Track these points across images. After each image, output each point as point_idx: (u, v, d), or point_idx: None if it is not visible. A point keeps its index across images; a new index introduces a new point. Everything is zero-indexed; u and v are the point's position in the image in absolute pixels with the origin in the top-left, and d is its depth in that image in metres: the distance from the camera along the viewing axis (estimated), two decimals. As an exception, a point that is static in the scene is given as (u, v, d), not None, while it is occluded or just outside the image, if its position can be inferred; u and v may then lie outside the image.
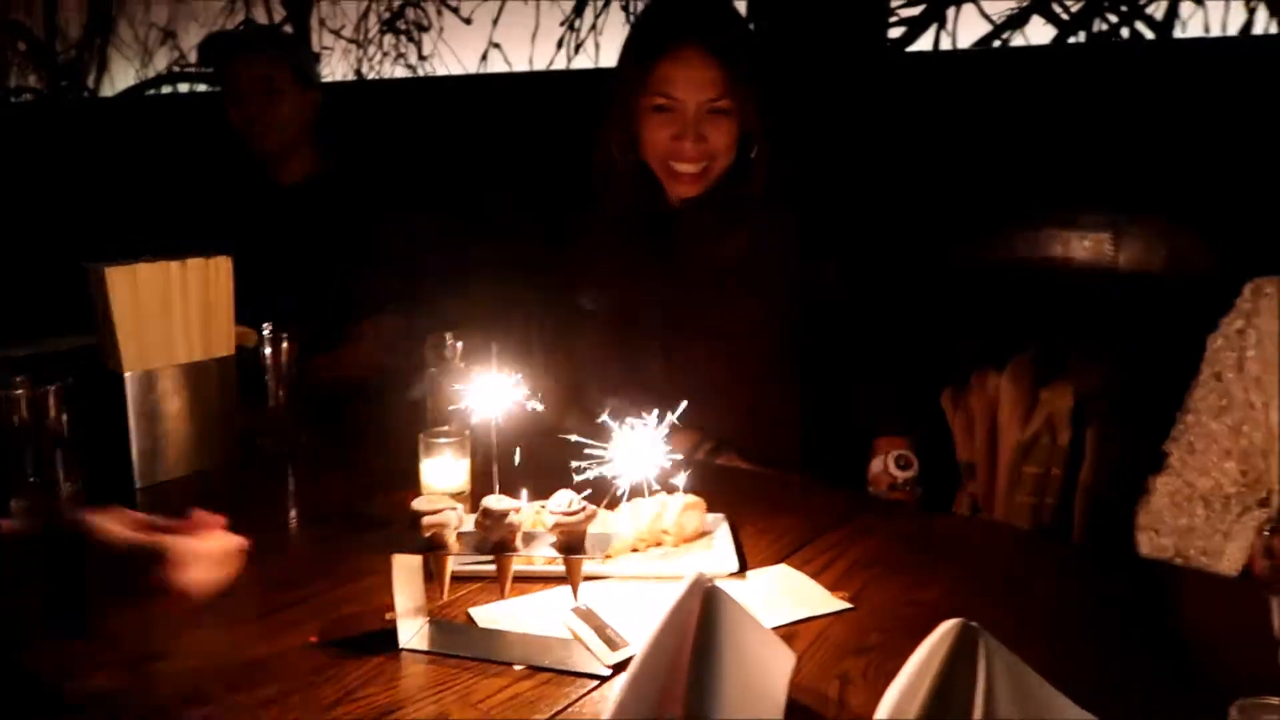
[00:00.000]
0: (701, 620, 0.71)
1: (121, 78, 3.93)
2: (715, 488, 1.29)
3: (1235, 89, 1.67)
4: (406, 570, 0.94)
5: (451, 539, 0.93)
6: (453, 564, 0.98)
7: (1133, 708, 0.82)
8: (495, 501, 0.91)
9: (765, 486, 1.39)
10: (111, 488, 1.35)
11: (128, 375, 1.38)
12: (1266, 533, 1.15)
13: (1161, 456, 1.32)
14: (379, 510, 1.30)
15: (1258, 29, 1.76)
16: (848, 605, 1.04)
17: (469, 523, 0.96)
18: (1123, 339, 1.57)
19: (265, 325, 1.53)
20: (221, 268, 1.48)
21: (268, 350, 1.53)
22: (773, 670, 0.81)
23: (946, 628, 0.68)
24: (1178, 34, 1.84)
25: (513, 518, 0.91)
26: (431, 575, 0.96)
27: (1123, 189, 1.81)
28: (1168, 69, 1.79)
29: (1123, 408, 1.40)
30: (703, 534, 1.20)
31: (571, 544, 0.91)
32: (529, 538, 0.94)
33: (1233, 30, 1.79)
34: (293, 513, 1.40)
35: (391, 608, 0.95)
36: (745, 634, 0.75)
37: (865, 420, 1.61)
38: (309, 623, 0.99)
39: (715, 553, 1.16)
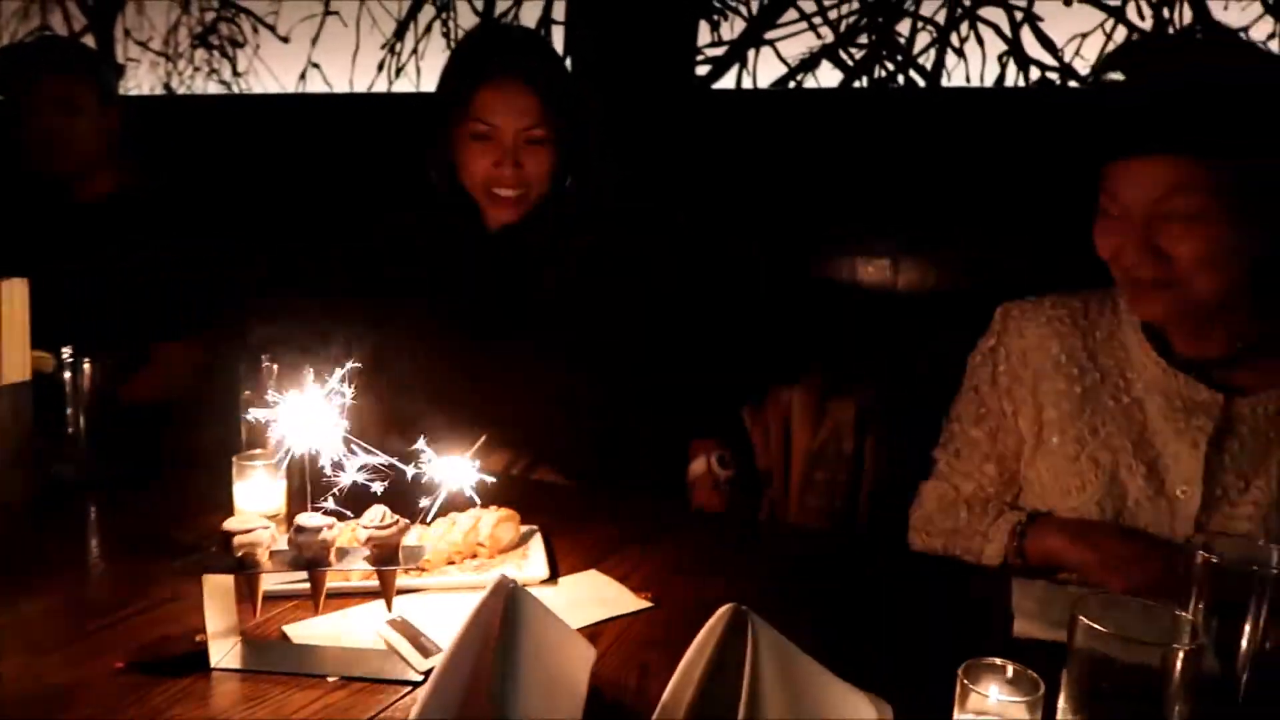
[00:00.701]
0: (504, 619, 0.77)
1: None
2: (529, 501, 1.35)
3: (991, 133, 1.89)
4: (218, 591, 0.96)
5: (264, 557, 0.95)
6: (266, 583, 0.99)
7: (884, 675, 0.93)
8: (308, 518, 0.94)
9: (577, 499, 1.46)
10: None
11: (-89, 403, 1.31)
12: (1018, 535, 1.32)
13: (932, 462, 1.48)
14: (190, 535, 1.28)
15: (1008, 82, 2.00)
16: (650, 604, 1.12)
17: (282, 541, 0.98)
18: (900, 353, 1.74)
19: (65, 349, 1.48)
20: (15, 290, 1.42)
21: (68, 375, 1.48)
22: (574, 664, 0.87)
23: (721, 612, 0.77)
24: (945, 83, 2.06)
25: (326, 534, 0.94)
26: (245, 595, 0.98)
27: (902, 219, 2.00)
28: (936, 113, 2.00)
29: (899, 417, 1.56)
30: (517, 545, 1.26)
31: (385, 556, 0.95)
32: (342, 553, 0.97)
33: (989, 81, 2.03)
34: (95, 541, 1.36)
35: (203, 630, 0.96)
36: (547, 631, 0.82)
37: (680, 427, 1.69)
38: (116, 649, 0.99)
39: (529, 562, 1.22)
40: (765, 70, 2.24)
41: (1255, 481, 1.23)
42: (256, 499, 1.29)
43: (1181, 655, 0.67)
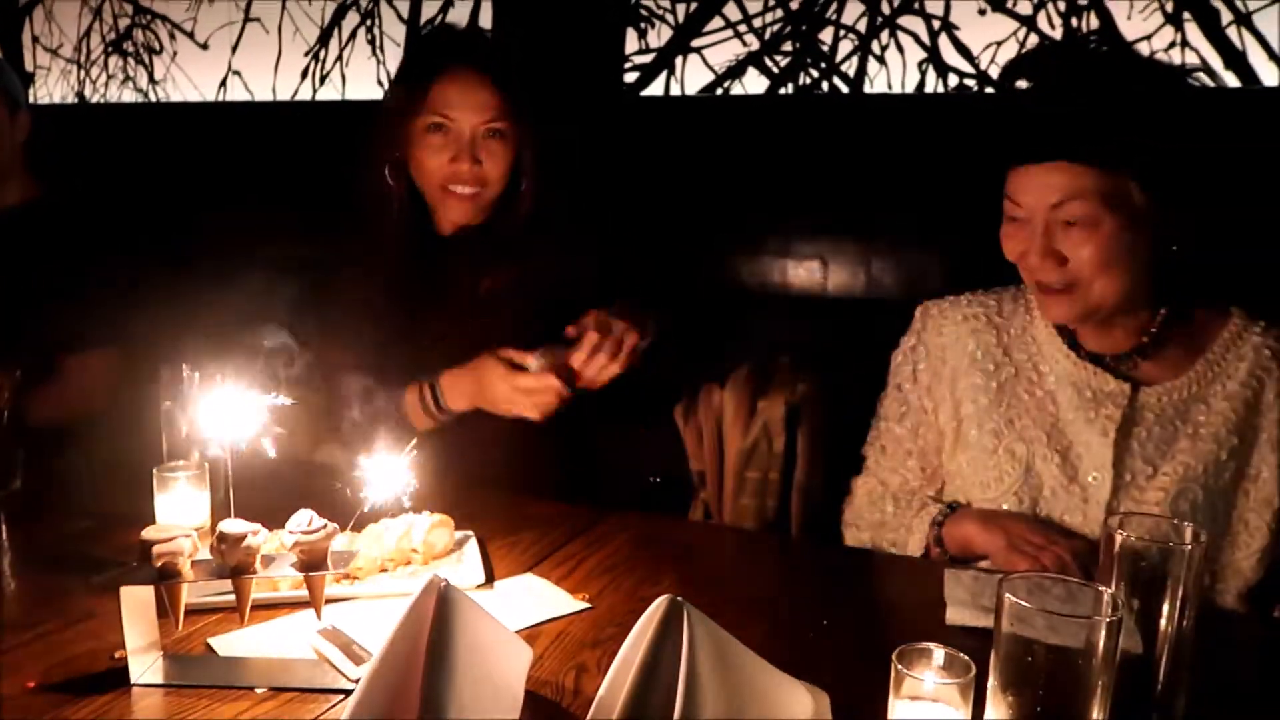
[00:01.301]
0: (436, 620, 0.75)
1: None
2: (463, 506, 1.33)
3: (914, 137, 1.94)
4: (137, 603, 0.92)
5: (185, 567, 0.92)
6: (189, 595, 0.96)
7: (820, 665, 0.94)
8: (232, 525, 0.91)
9: (511, 503, 1.45)
10: None
11: None
12: (937, 525, 1.35)
13: (860, 459, 1.51)
14: (109, 550, 1.24)
15: (928, 88, 2.05)
16: (587, 605, 1.12)
17: (205, 550, 0.95)
18: (831, 353, 1.76)
19: (-30, 365, 1.42)
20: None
21: (-25, 390, 1.42)
22: (510, 665, 0.86)
23: (657, 604, 0.77)
24: (867, 89, 2.10)
25: (251, 541, 0.91)
26: (166, 607, 0.94)
27: (831, 222, 2.03)
28: (860, 119, 2.04)
29: (828, 414, 1.58)
30: (451, 550, 1.24)
31: (313, 562, 0.93)
32: (269, 560, 0.95)
33: (910, 88, 2.08)
34: (5, 559, 1.30)
35: (122, 646, 0.93)
36: (481, 632, 0.81)
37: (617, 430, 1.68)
38: (29, 667, 0.95)
39: (464, 567, 1.20)
40: (693, 77, 2.26)
41: (1162, 467, 1.28)
42: (179, 512, 1.25)
43: (1104, 627, 0.69)
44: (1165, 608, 0.90)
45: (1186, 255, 1.27)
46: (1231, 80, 1.87)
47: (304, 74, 2.70)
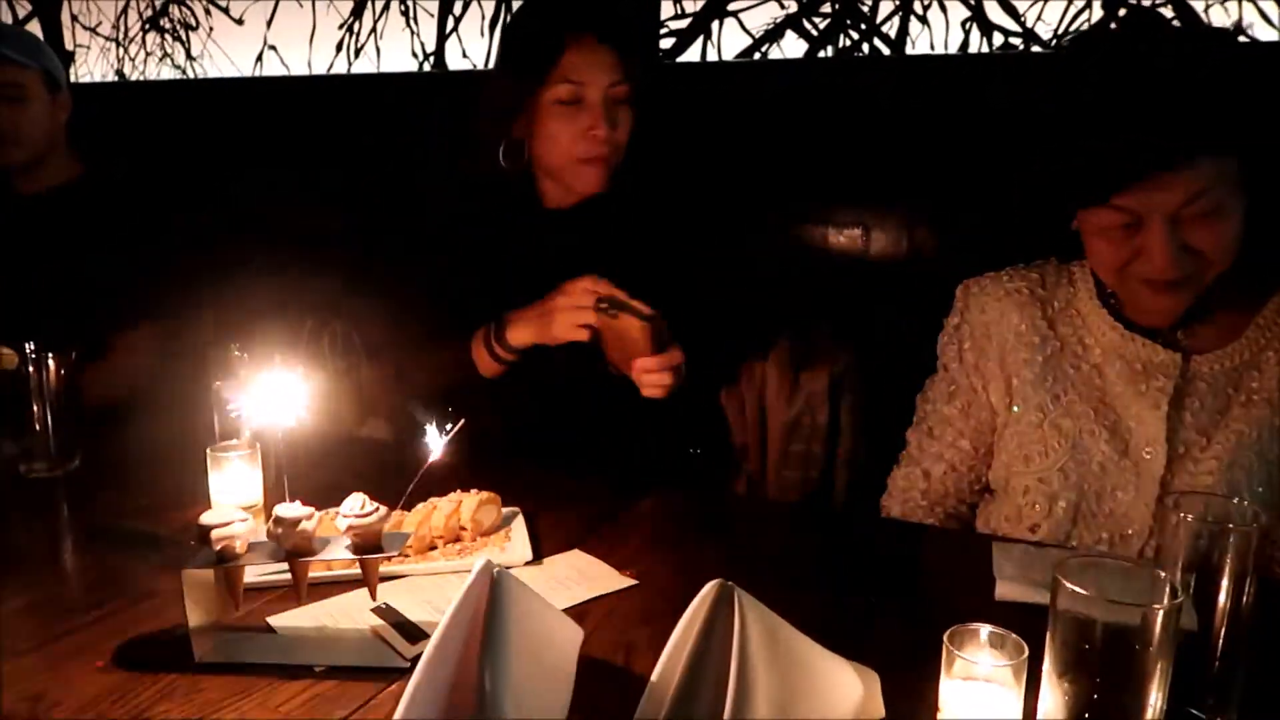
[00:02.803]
0: (490, 604, 0.76)
1: None
2: (510, 483, 1.35)
3: (957, 99, 1.89)
4: (198, 586, 0.95)
5: (243, 550, 0.94)
6: (248, 575, 0.99)
7: (870, 644, 0.95)
8: (287, 509, 0.93)
9: (558, 479, 1.46)
10: None
11: None
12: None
13: (903, 443, 1.49)
14: (168, 528, 1.28)
15: (972, 48, 2.00)
16: (634, 582, 1.13)
17: (261, 532, 0.97)
18: (873, 322, 1.75)
19: (28, 344, 1.46)
20: (-27, 287, 1.39)
21: (31, 370, 1.45)
22: (562, 646, 0.87)
23: (707, 589, 0.77)
24: (909, 50, 2.06)
25: (305, 524, 0.93)
26: (225, 589, 0.97)
27: (872, 187, 2.00)
28: (902, 81, 2.00)
29: (871, 385, 1.57)
30: (499, 528, 1.26)
31: (366, 545, 0.95)
32: (323, 542, 0.97)
33: (953, 48, 2.03)
34: (73, 537, 1.34)
35: (184, 624, 0.95)
36: (533, 614, 0.82)
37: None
38: (96, 647, 0.97)
39: (512, 544, 1.22)
40: (730, 42, 2.23)
41: (1216, 438, 1.26)
42: (233, 490, 1.28)
43: (1161, 614, 0.68)
44: (1223, 586, 0.89)
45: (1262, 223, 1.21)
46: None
47: (339, 47, 2.70)
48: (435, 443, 1.25)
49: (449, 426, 1.41)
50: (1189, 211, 1.15)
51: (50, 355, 1.46)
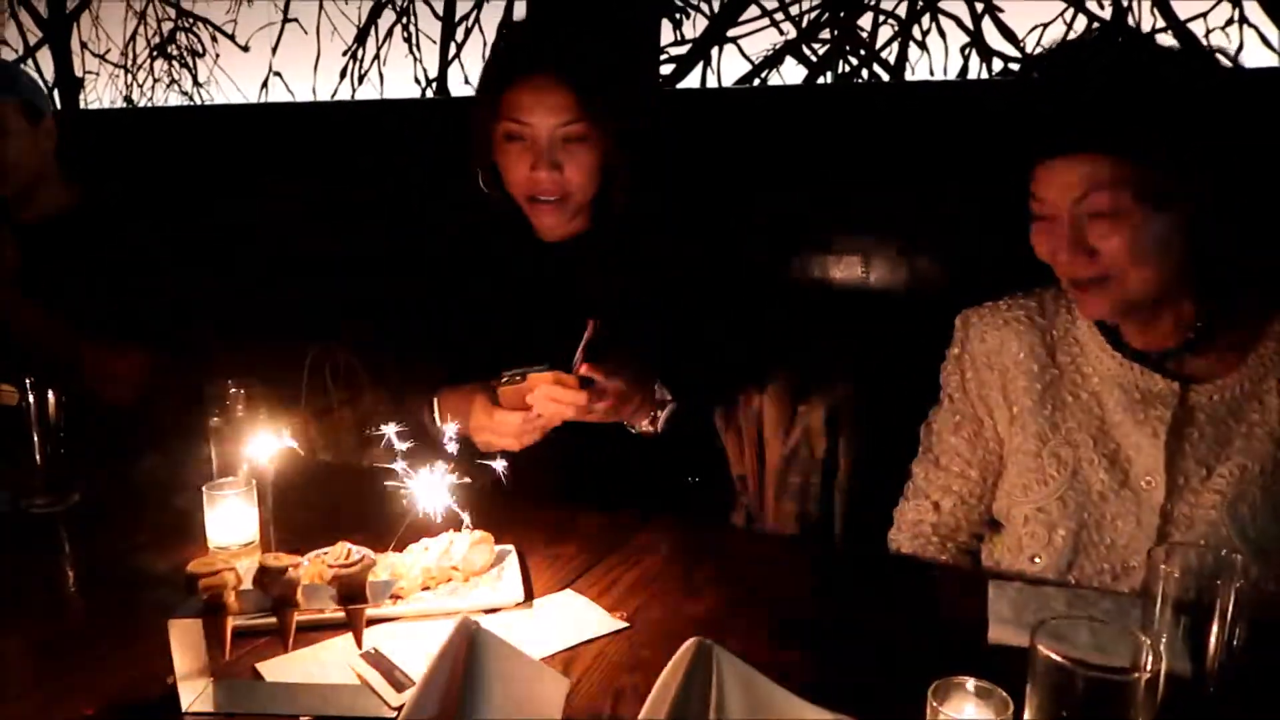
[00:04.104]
0: (467, 661, 0.76)
1: None
2: (504, 520, 1.35)
3: (955, 126, 1.89)
4: (185, 634, 0.95)
5: (230, 599, 0.94)
6: (236, 619, 0.99)
7: (857, 691, 0.94)
8: (273, 559, 0.93)
9: (552, 515, 1.46)
10: None
11: None
12: None
13: (906, 475, 1.48)
14: (162, 567, 1.28)
15: (971, 74, 2.00)
16: (625, 624, 1.12)
17: (248, 580, 0.98)
18: (873, 353, 1.74)
19: (27, 379, 1.47)
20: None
21: (31, 405, 1.46)
22: (545, 700, 0.87)
23: (686, 646, 0.77)
24: (908, 76, 2.06)
25: (292, 573, 0.93)
26: (213, 637, 0.97)
27: (871, 216, 1.99)
28: (901, 108, 1.99)
29: (870, 416, 1.56)
30: (491, 566, 1.26)
31: (351, 593, 0.95)
32: (310, 591, 0.97)
33: (952, 74, 2.03)
34: (69, 575, 1.35)
35: (173, 671, 0.96)
36: (513, 669, 0.82)
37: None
38: (86, 692, 0.98)
39: (503, 584, 1.21)
40: (730, 68, 2.23)
41: (1218, 469, 1.24)
42: (228, 529, 1.28)
43: (1143, 681, 0.67)
44: (1213, 635, 0.89)
45: (1226, 244, 1.23)
46: (1293, 59, 1.80)
47: (343, 73, 2.72)
48: (428, 483, 1.26)
49: (443, 466, 1.42)
50: (1087, 206, 1.20)
51: (49, 390, 1.47)
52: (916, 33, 2.05)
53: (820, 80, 2.14)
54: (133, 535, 1.41)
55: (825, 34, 2.12)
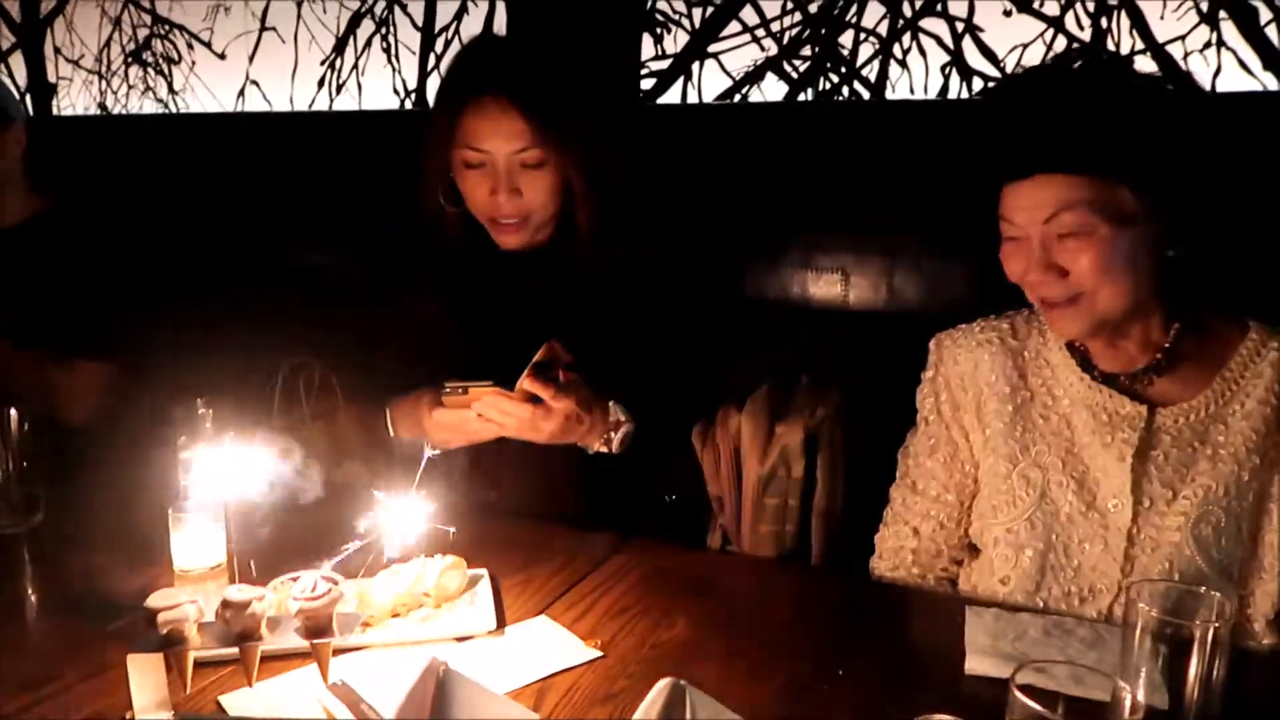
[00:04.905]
0: (435, 703, 0.74)
1: None
2: (477, 542, 1.33)
3: (936, 144, 1.88)
4: (145, 668, 0.92)
5: (192, 632, 0.92)
6: (196, 652, 0.96)
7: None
8: (236, 592, 0.91)
9: (526, 534, 1.44)
10: None
11: None
12: None
13: (885, 499, 1.48)
14: (126, 591, 1.25)
15: (951, 93, 2.00)
16: (599, 654, 1.11)
17: (210, 612, 0.95)
18: (853, 371, 1.72)
19: (-11, 396, 1.43)
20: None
21: (-6, 420, 1.43)
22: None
23: (660, 686, 0.75)
24: (889, 94, 2.05)
25: (255, 607, 0.91)
26: (174, 671, 0.94)
27: (852, 233, 1.98)
28: (881, 125, 1.99)
29: (849, 436, 1.55)
30: (464, 591, 1.23)
31: (317, 628, 0.92)
32: (274, 623, 0.94)
33: (933, 92, 2.02)
34: (31, 600, 1.32)
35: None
36: (482, 708, 0.80)
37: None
38: (43, 729, 0.95)
39: (475, 611, 1.19)
40: (710, 84, 2.22)
41: (1182, 491, 1.25)
42: (194, 552, 1.26)
43: (1120, 727, 0.66)
44: (1193, 666, 0.88)
45: (1194, 263, 1.25)
46: (1271, 82, 1.80)
47: (320, 83, 2.69)
48: (401, 507, 1.24)
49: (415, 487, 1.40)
50: (1056, 226, 1.22)
51: (12, 409, 1.43)
52: (897, 51, 2.05)
53: (801, 97, 2.13)
54: (97, 557, 1.38)
55: (806, 50, 2.11)
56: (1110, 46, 1.86)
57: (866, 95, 2.08)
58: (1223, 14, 1.81)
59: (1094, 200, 1.20)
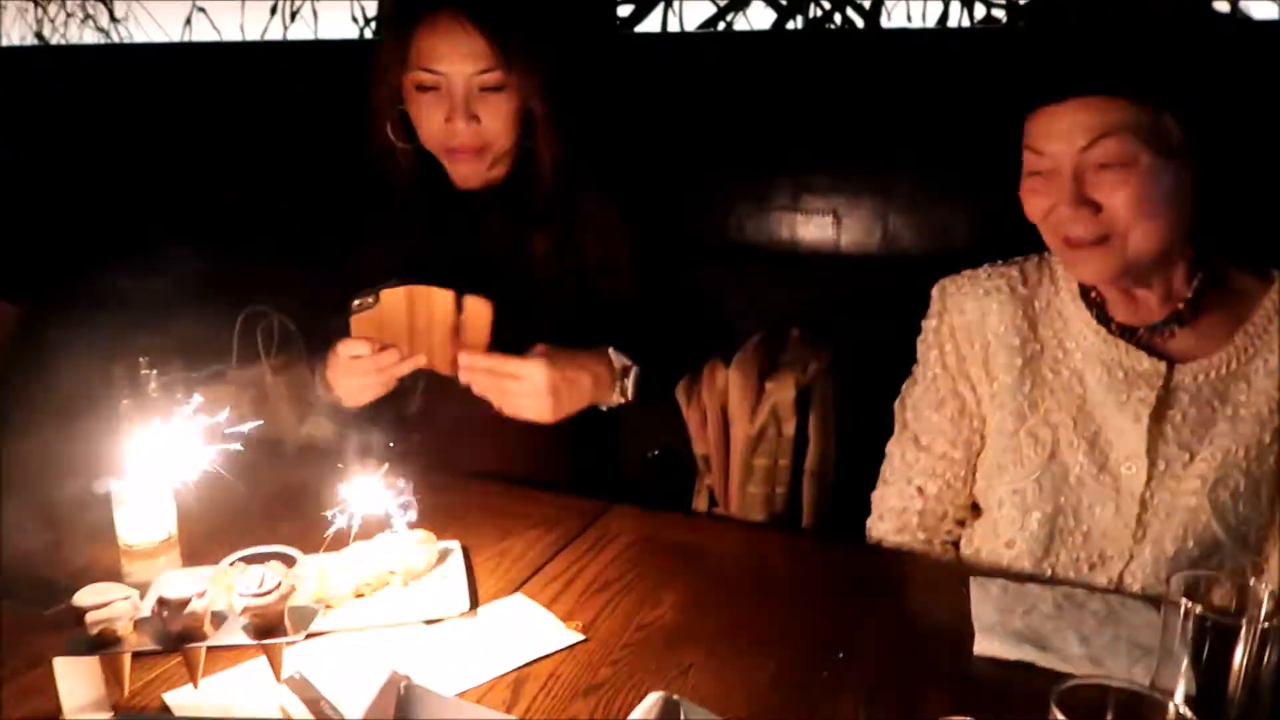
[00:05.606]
0: (397, 722, 0.66)
1: None
2: (448, 510, 1.24)
3: (934, 78, 1.77)
4: (74, 670, 0.83)
5: (127, 631, 0.82)
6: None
7: (838, 712, 0.85)
8: (173, 589, 0.81)
9: (502, 499, 1.35)
10: None
11: None
12: None
13: (881, 457, 1.39)
14: (68, 572, 1.15)
15: (951, 22, 1.87)
16: (581, 637, 1.03)
17: (147, 607, 0.85)
18: (846, 319, 1.63)
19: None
20: None
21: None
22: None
23: (650, 701, 0.67)
24: (884, 23, 1.92)
25: (195, 605, 0.81)
26: (109, 672, 0.85)
27: (843, 172, 1.88)
28: (876, 57, 1.86)
29: (841, 393, 1.46)
30: (433, 567, 1.15)
31: (267, 626, 0.83)
32: (219, 619, 0.85)
33: (931, 21, 1.90)
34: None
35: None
36: (451, 720, 0.71)
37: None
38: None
39: (446, 589, 1.11)
40: (692, 11, 2.08)
41: (1200, 453, 1.18)
42: (140, 526, 1.16)
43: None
44: (1238, 656, 0.81)
45: (1227, 207, 1.15)
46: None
47: (273, 10, 2.51)
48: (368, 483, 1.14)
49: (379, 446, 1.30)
50: (1093, 157, 1.11)
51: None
52: (893, -25, 1.91)
53: (789, 25, 2.00)
54: (39, 534, 1.27)
55: (795, -25, 1.97)
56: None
57: (860, 23, 1.95)
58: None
59: (1138, 126, 1.08)
